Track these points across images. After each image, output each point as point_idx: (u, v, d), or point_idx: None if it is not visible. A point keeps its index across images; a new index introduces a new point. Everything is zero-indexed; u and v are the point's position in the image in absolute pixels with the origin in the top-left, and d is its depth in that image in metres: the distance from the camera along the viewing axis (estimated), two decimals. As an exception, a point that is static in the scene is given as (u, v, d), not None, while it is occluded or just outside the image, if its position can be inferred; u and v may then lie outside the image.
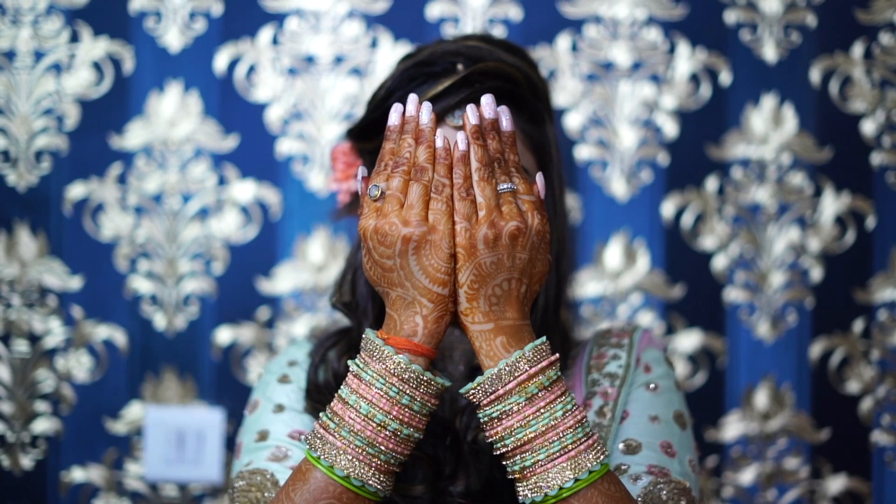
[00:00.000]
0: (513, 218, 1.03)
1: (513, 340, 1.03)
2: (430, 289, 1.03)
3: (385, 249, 1.03)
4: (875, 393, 1.88)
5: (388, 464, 1.03)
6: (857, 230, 1.88)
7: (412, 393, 1.02)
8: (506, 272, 1.03)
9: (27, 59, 1.87)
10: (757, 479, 1.88)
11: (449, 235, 1.03)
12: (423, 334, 1.04)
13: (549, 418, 1.00)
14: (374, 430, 1.01)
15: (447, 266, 1.03)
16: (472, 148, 1.05)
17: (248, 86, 1.87)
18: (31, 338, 1.88)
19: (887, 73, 1.87)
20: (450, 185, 1.04)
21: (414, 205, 1.03)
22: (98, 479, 1.88)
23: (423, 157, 1.05)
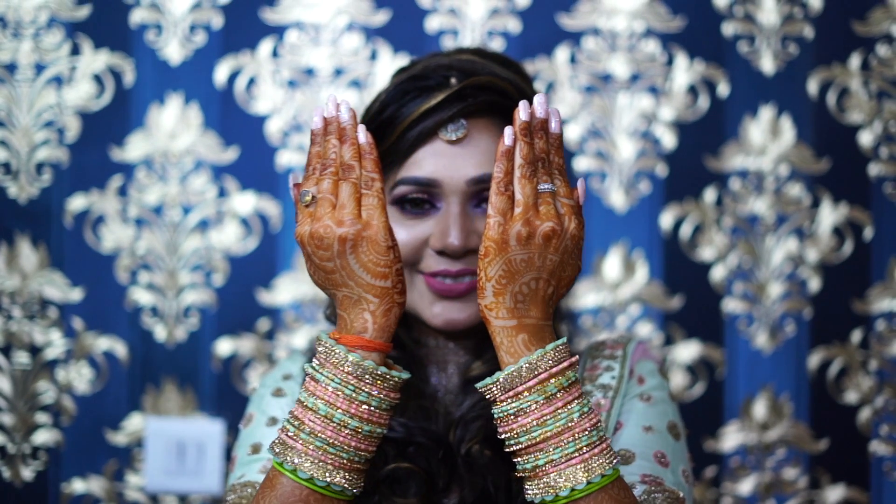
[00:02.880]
0: (549, 219, 1.03)
1: (534, 339, 1.03)
2: (374, 284, 1.03)
3: (323, 252, 1.03)
4: (873, 403, 1.89)
5: (353, 462, 1.03)
6: (854, 241, 1.88)
7: (368, 389, 1.02)
8: (535, 271, 1.03)
9: (28, 71, 1.88)
10: (756, 489, 1.88)
11: (384, 228, 1.03)
12: (374, 329, 1.04)
13: (566, 419, 1.00)
14: (334, 430, 1.02)
15: (386, 259, 1.03)
16: (518, 144, 1.04)
17: (248, 98, 1.88)
18: (32, 349, 1.88)
19: (885, 84, 1.88)
20: (379, 178, 1.05)
21: (346, 204, 1.03)
22: (98, 490, 1.89)
23: (349, 154, 1.05)
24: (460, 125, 1.25)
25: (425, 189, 1.26)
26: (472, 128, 1.26)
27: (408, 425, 1.27)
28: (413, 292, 1.29)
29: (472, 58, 1.31)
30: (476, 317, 1.28)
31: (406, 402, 1.29)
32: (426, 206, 1.27)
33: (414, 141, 1.25)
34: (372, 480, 1.23)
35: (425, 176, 1.25)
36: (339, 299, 1.06)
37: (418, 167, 1.25)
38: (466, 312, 1.27)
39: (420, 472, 1.23)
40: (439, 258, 1.26)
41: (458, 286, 1.26)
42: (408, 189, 1.26)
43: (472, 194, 1.26)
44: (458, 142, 1.25)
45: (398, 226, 1.28)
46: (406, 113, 1.26)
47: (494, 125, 1.27)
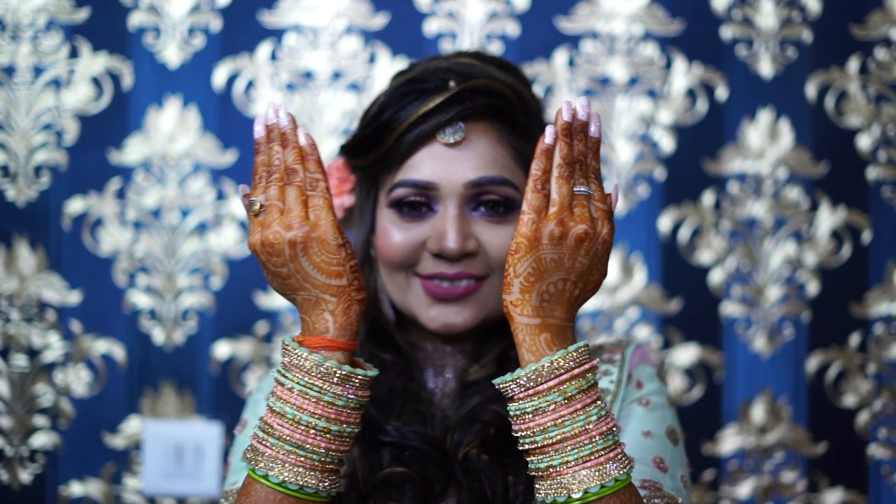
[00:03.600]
0: (583, 221, 1.03)
1: (556, 339, 1.03)
2: (329, 283, 1.04)
3: (276, 259, 1.04)
4: (871, 406, 1.89)
5: (325, 463, 1.03)
6: (853, 244, 1.88)
7: (334, 389, 1.02)
8: (563, 272, 1.03)
9: (27, 74, 1.88)
10: (754, 492, 1.88)
11: (332, 227, 1.03)
12: (335, 329, 1.04)
13: (584, 421, 1.00)
14: (302, 433, 1.02)
15: (338, 257, 1.03)
16: (558, 144, 1.04)
17: (246, 101, 1.88)
18: (30, 352, 1.88)
19: (883, 87, 1.88)
20: (323, 178, 1.05)
21: (292, 208, 1.04)
22: (96, 493, 1.89)
23: (291, 158, 1.06)
24: (458, 128, 1.25)
25: (423, 192, 1.26)
26: (470, 131, 1.26)
27: (403, 430, 1.27)
28: (410, 295, 1.29)
29: (471, 61, 1.31)
30: (473, 320, 1.27)
31: (402, 407, 1.29)
32: (423, 208, 1.27)
33: (412, 144, 1.25)
34: (368, 485, 1.23)
35: (423, 179, 1.25)
36: (299, 303, 1.06)
37: (416, 170, 1.25)
38: (463, 316, 1.27)
39: (416, 477, 1.23)
40: (436, 261, 1.26)
41: (455, 289, 1.26)
42: (405, 192, 1.26)
43: (470, 197, 1.26)
44: (455, 145, 1.25)
45: (395, 228, 1.27)
46: (404, 116, 1.26)
47: (493, 129, 1.27)
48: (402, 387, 1.31)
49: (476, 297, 1.28)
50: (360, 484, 1.23)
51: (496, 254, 1.27)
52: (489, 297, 1.29)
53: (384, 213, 1.29)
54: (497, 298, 1.29)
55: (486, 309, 1.29)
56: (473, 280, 1.27)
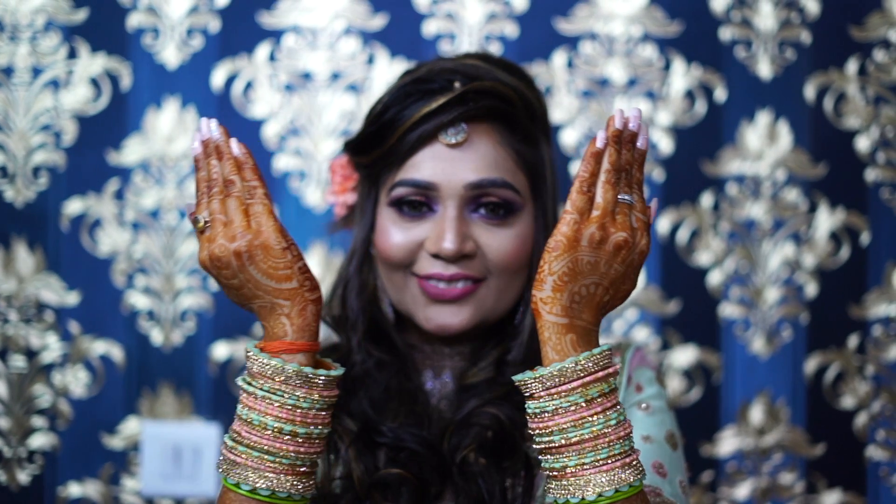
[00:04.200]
0: (624, 229, 1.03)
1: (582, 341, 1.03)
2: (280, 288, 1.04)
3: (226, 271, 1.04)
4: (870, 408, 1.89)
5: (296, 466, 1.04)
6: (851, 246, 1.88)
7: (296, 392, 1.02)
8: (597, 276, 1.03)
9: (25, 75, 1.88)
10: (752, 494, 1.88)
11: (274, 232, 1.03)
12: (293, 331, 1.04)
13: (604, 425, 1.00)
14: (269, 438, 1.02)
15: (284, 261, 1.04)
16: (608, 150, 1.04)
17: (245, 102, 1.88)
18: (29, 353, 1.88)
19: (881, 89, 1.88)
20: (260, 184, 1.05)
21: (234, 218, 1.04)
22: (94, 494, 1.89)
23: (228, 169, 1.06)
24: (461, 129, 1.25)
25: (423, 192, 1.26)
26: (472, 132, 1.26)
27: (400, 431, 1.27)
28: (406, 295, 1.30)
29: (476, 63, 1.31)
30: (469, 322, 1.27)
31: (398, 407, 1.29)
32: (423, 208, 1.27)
33: (414, 143, 1.26)
34: (363, 486, 1.23)
35: (423, 179, 1.25)
36: (256, 311, 1.07)
37: (417, 170, 1.26)
38: (459, 317, 1.27)
39: (412, 479, 1.23)
40: (433, 261, 1.26)
41: (452, 291, 1.26)
42: (405, 191, 1.26)
43: (470, 199, 1.26)
44: (457, 146, 1.25)
45: (395, 227, 1.28)
46: (407, 115, 1.26)
47: (495, 131, 1.27)
48: (398, 387, 1.31)
49: (473, 299, 1.28)
50: (356, 485, 1.23)
51: (494, 256, 1.27)
52: (486, 300, 1.29)
53: (384, 211, 1.30)
54: (495, 301, 1.29)
55: (483, 311, 1.29)
56: (471, 282, 1.27)
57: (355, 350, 1.33)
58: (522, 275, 1.31)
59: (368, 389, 1.31)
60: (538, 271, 1.04)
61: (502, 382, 1.29)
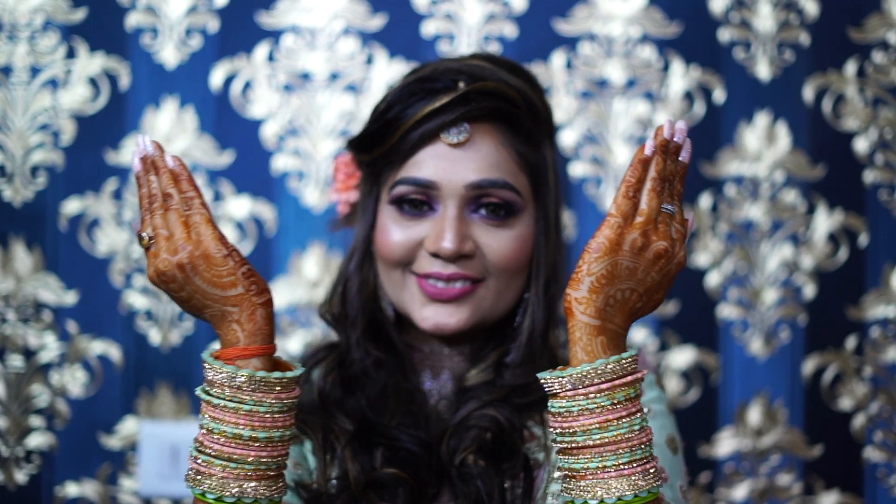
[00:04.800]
0: (665, 238, 1.04)
1: (611, 344, 1.03)
2: (227, 295, 1.04)
3: (173, 285, 1.05)
4: (868, 410, 1.89)
5: (260, 470, 1.04)
6: (849, 247, 1.88)
7: (251, 397, 1.03)
8: (634, 283, 1.03)
9: (23, 74, 1.87)
10: (750, 495, 1.88)
11: (214, 240, 1.04)
12: (244, 337, 1.05)
13: (628, 429, 1.00)
14: (230, 446, 1.03)
15: (226, 268, 1.04)
16: (655, 158, 1.04)
17: (243, 102, 1.88)
18: (26, 353, 1.88)
19: (880, 91, 1.88)
20: (196, 194, 1.06)
21: (174, 231, 1.05)
22: (92, 494, 1.88)
23: (164, 183, 1.06)
24: (463, 129, 1.25)
25: (424, 190, 1.26)
26: (475, 132, 1.26)
27: (397, 431, 1.27)
28: (405, 293, 1.29)
29: (482, 63, 1.31)
30: (466, 323, 1.27)
31: (395, 407, 1.29)
32: (424, 207, 1.27)
33: (416, 142, 1.26)
34: (359, 486, 1.23)
35: (425, 177, 1.25)
36: (209, 320, 1.07)
37: (418, 168, 1.26)
38: (457, 317, 1.27)
39: (408, 479, 1.23)
40: (432, 260, 1.26)
41: (450, 290, 1.26)
42: (406, 189, 1.26)
43: (471, 199, 1.26)
44: (459, 145, 1.25)
45: (395, 226, 1.28)
46: (410, 113, 1.26)
47: (498, 132, 1.27)
48: (395, 387, 1.31)
49: (471, 300, 1.28)
50: (352, 485, 1.23)
51: (494, 257, 1.27)
52: (484, 301, 1.29)
53: (385, 209, 1.30)
54: (493, 302, 1.29)
55: (481, 312, 1.29)
56: (469, 282, 1.27)
57: (353, 348, 1.33)
58: (521, 276, 1.31)
59: (366, 389, 1.31)
60: (575, 270, 1.03)
61: (501, 385, 1.29)
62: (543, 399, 1.29)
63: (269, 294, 1.07)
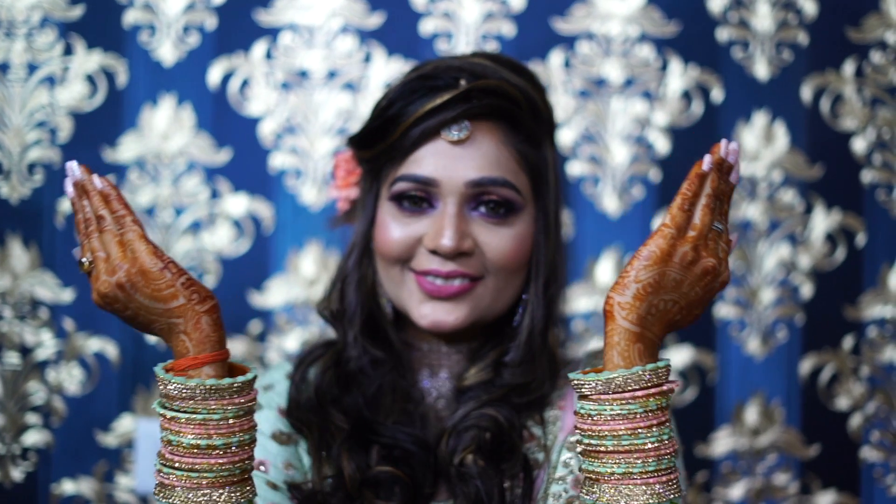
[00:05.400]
0: (714, 255, 1.04)
1: (647, 352, 1.03)
2: (169, 308, 1.04)
3: (117, 305, 1.05)
4: (864, 409, 1.89)
5: (223, 477, 1.04)
6: (847, 247, 1.88)
7: (203, 406, 1.03)
8: (678, 295, 1.04)
9: (21, 71, 1.87)
10: (746, 494, 1.88)
11: (149, 255, 1.04)
12: (193, 346, 1.05)
13: (657, 438, 1.01)
14: (190, 456, 1.03)
15: (164, 280, 1.04)
16: (711, 175, 1.05)
17: (241, 100, 1.88)
18: (23, 350, 1.88)
19: (878, 91, 1.88)
20: (127, 212, 1.06)
21: (111, 252, 1.05)
22: (88, 491, 1.88)
23: (96, 205, 1.07)
24: (463, 126, 1.25)
25: (424, 187, 1.26)
26: (475, 130, 1.26)
27: (394, 430, 1.26)
28: (403, 290, 1.29)
29: (483, 62, 1.30)
30: (464, 320, 1.27)
31: (392, 405, 1.29)
32: (424, 204, 1.27)
33: (416, 139, 1.26)
34: (354, 484, 1.22)
35: (424, 174, 1.25)
36: (158, 334, 1.07)
37: (418, 165, 1.26)
38: (454, 315, 1.27)
39: (404, 478, 1.23)
40: (431, 257, 1.26)
41: (448, 288, 1.26)
42: (406, 186, 1.26)
43: (471, 197, 1.26)
44: (460, 143, 1.25)
45: (394, 222, 1.27)
46: (411, 110, 1.26)
47: (498, 130, 1.27)
48: (391, 384, 1.31)
49: (469, 298, 1.27)
50: (347, 483, 1.23)
51: (493, 255, 1.27)
52: (483, 299, 1.28)
53: (385, 206, 1.30)
54: (491, 300, 1.29)
55: (479, 310, 1.28)
56: (468, 280, 1.27)
57: (351, 345, 1.33)
58: (520, 275, 1.31)
59: (362, 386, 1.31)
60: (622, 275, 1.04)
61: (500, 384, 1.29)
62: (543, 399, 1.29)
63: (212, 300, 1.07)
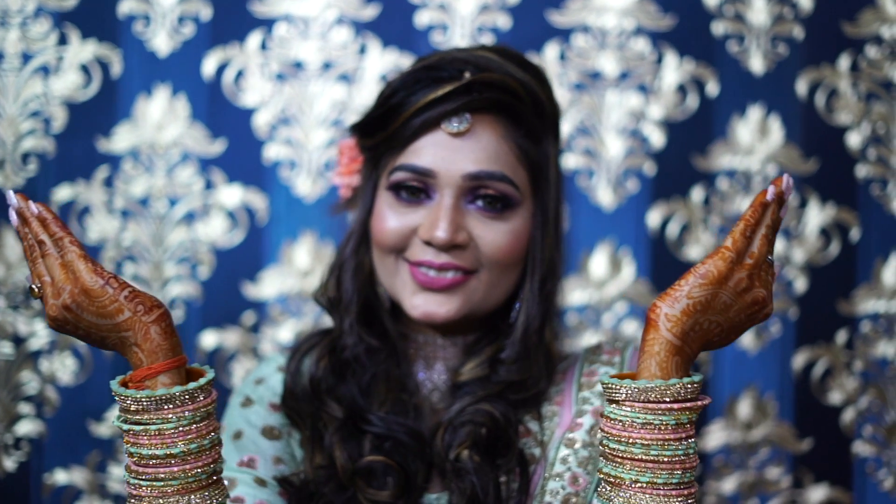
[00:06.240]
0: (765, 287, 1.05)
1: (683, 366, 1.03)
2: (116, 322, 1.04)
3: (68, 327, 1.05)
4: (857, 404, 1.89)
5: (191, 483, 1.04)
6: (841, 242, 1.88)
7: (158, 416, 1.03)
8: (722, 318, 1.04)
9: (15, 60, 1.87)
10: (739, 488, 1.89)
11: (89, 273, 1.04)
12: (145, 357, 1.05)
13: (685, 452, 1.01)
14: (151, 466, 1.03)
15: (107, 297, 1.04)
16: (772, 207, 1.05)
17: (236, 91, 1.88)
18: (16, 340, 1.88)
19: (873, 85, 1.88)
20: (64, 233, 1.06)
21: (55, 275, 1.05)
22: (81, 481, 1.88)
23: (35, 231, 1.07)
24: (464, 119, 1.25)
25: (421, 178, 1.25)
26: (476, 123, 1.25)
27: (387, 420, 1.26)
28: (397, 280, 1.29)
29: (489, 55, 1.30)
30: (455, 313, 1.27)
31: (385, 395, 1.29)
32: (421, 195, 1.27)
33: (416, 129, 1.25)
34: (346, 473, 1.22)
35: (423, 165, 1.25)
36: (113, 349, 1.07)
37: (417, 155, 1.25)
38: (446, 307, 1.26)
39: (396, 467, 1.23)
40: (425, 248, 1.26)
41: (441, 280, 1.26)
42: (404, 176, 1.26)
43: (468, 190, 1.25)
44: (459, 135, 1.25)
45: (391, 211, 1.27)
46: (413, 100, 1.26)
47: (499, 124, 1.27)
48: (386, 373, 1.31)
49: (462, 290, 1.27)
50: (339, 472, 1.22)
51: (487, 249, 1.26)
52: (476, 292, 1.28)
53: (383, 195, 1.29)
54: (484, 294, 1.29)
55: (471, 304, 1.28)
56: (461, 273, 1.26)
57: (347, 333, 1.33)
58: (515, 270, 1.30)
59: (357, 375, 1.31)
60: (674, 287, 1.04)
61: (496, 381, 1.29)
62: (539, 396, 1.29)
63: (159, 309, 1.06)
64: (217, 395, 1.08)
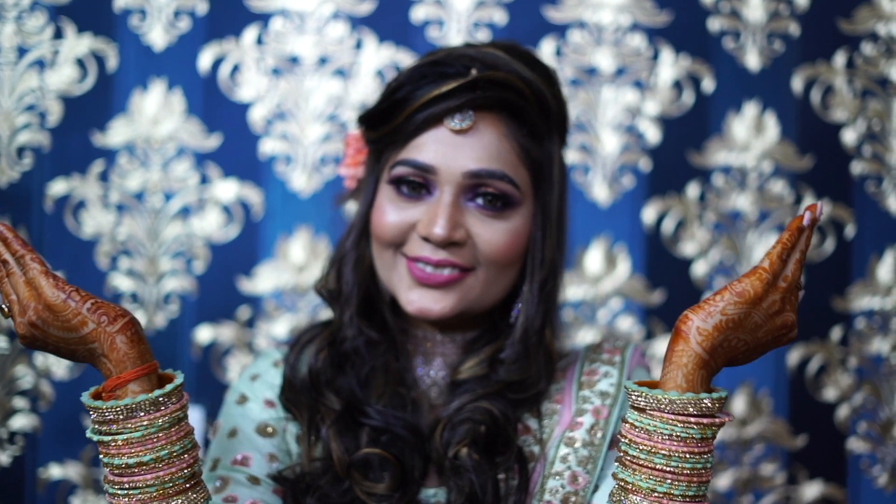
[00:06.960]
0: (794, 312, 1.05)
1: (707, 380, 1.03)
2: (82, 335, 1.05)
3: (38, 343, 1.06)
4: (852, 400, 1.90)
5: (167, 489, 1.04)
6: (836, 238, 1.89)
7: (126, 425, 1.03)
8: (751, 337, 1.04)
9: (10, 54, 1.86)
10: (733, 484, 1.89)
11: (52, 289, 1.04)
12: (114, 367, 1.05)
13: (704, 465, 1.01)
14: (129, 475, 1.03)
15: (70, 310, 1.04)
16: (806, 232, 1.05)
17: (231, 85, 1.87)
18: (10, 334, 1.87)
19: (869, 82, 1.88)
20: (26, 251, 1.06)
21: (20, 293, 1.06)
22: (75, 476, 1.88)
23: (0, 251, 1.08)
24: (467, 116, 1.25)
25: (422, 174, 1.25)
26: (479, 121, 1.25)
27: (385, 413, 1.26)
28: (394, 274, 1.29)
29: (497, 52, 1.29)
30: (451, 310, 1.26)
31: (383, 387, 1.29)
32: (422, 190, 1.26)
33: (419, 124, 1.25)
34: (343, 465, 1.22)
35: (424, 161, 1.25)
36: (84, 361, 1.08)
37: (419, 151, 1.25)
38: (441, 304, 1.26)
39: (392, 460, 1.23)
40: (423, 244, 1.25)
41: (437, 276, 1.26)
42: (405, 171, 1.26)
43: (468, 187, 1.25)
44: (462, 132, 1.25)
45: (391, 206, 1.27)
46: (418, 95, 1.25)
47: (503, 122, 1.26)
48: (384, 366, 1.31)
49: (458, 288, 1.27)
50: (335, 464, 1.22)
51: (485, 248, 1.26)
52: (472, 290, 1.28)
53: (384, 189, 1.29)
54: (481, 292, 1.28)
55: (467, 301, 1.28)
56: (458, 270, 1.26)
57: (346, 325, 1.33)
58: (513, 270, 1.30)
59: (356, 368, 1.31)
60: (709, 301, 1.04)
61: (496, 380, 1.29)
62: (538, 396, 1.29)
63: (124, 318, 1.06)
64: (188, 398, 1.07)
